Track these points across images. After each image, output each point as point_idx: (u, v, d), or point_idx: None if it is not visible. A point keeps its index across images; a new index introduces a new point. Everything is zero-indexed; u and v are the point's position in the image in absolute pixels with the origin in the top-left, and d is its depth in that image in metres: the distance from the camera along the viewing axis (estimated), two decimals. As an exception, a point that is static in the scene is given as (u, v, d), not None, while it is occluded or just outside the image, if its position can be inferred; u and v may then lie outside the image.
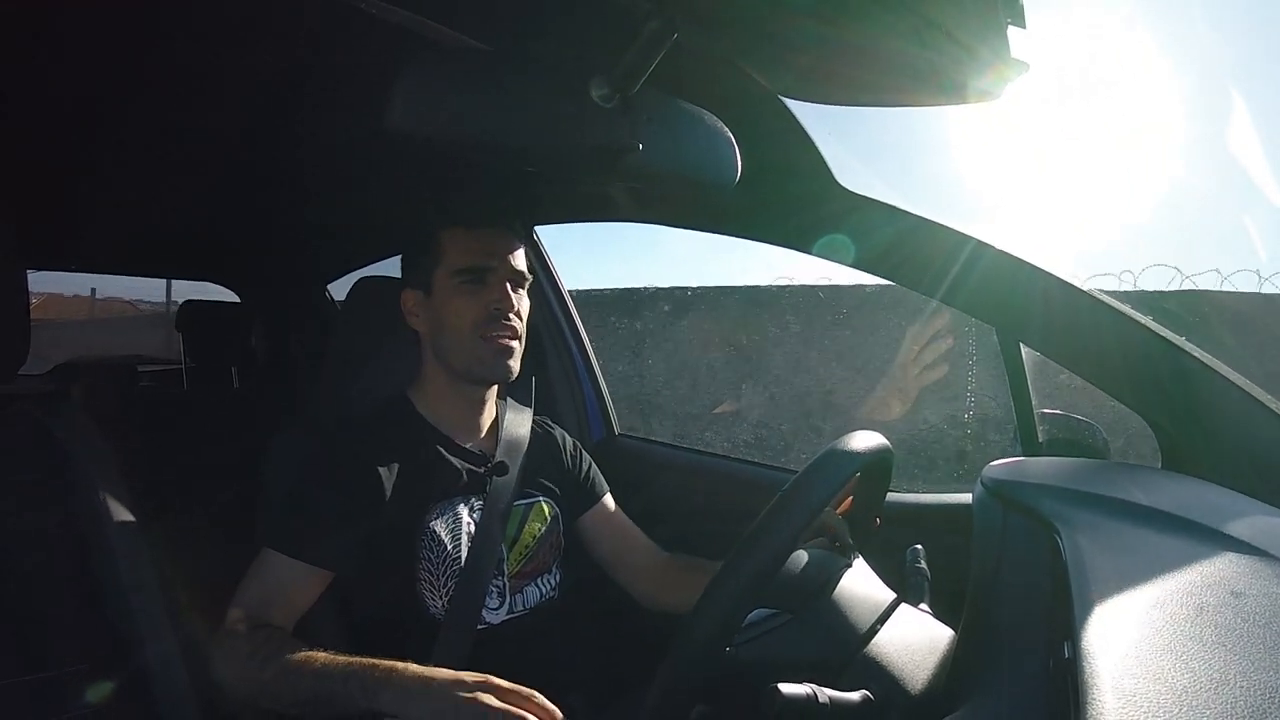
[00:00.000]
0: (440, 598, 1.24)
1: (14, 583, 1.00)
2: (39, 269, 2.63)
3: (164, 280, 3.06)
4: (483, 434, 1.41)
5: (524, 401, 1.52)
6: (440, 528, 1.26)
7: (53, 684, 0.98)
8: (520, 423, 1.46)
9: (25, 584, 1.01)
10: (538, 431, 1.50)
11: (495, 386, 1.41)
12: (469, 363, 1.30)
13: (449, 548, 1.26)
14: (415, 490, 1.27)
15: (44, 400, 1.17)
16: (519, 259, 1.33)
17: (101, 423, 1.17)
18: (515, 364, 1.32)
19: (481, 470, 1.34)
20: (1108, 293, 1.17)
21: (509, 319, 1.29)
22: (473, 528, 1.29)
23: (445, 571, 1.25)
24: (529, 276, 1.35)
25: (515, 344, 1.31)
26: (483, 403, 1.40)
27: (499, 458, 1.37)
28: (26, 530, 1.04)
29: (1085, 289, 1.15)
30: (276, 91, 1.34)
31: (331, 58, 1.22)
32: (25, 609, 1.00)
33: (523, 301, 1.34)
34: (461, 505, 1.30)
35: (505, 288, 1.29)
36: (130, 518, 1.11)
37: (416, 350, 1.39)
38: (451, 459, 1.33)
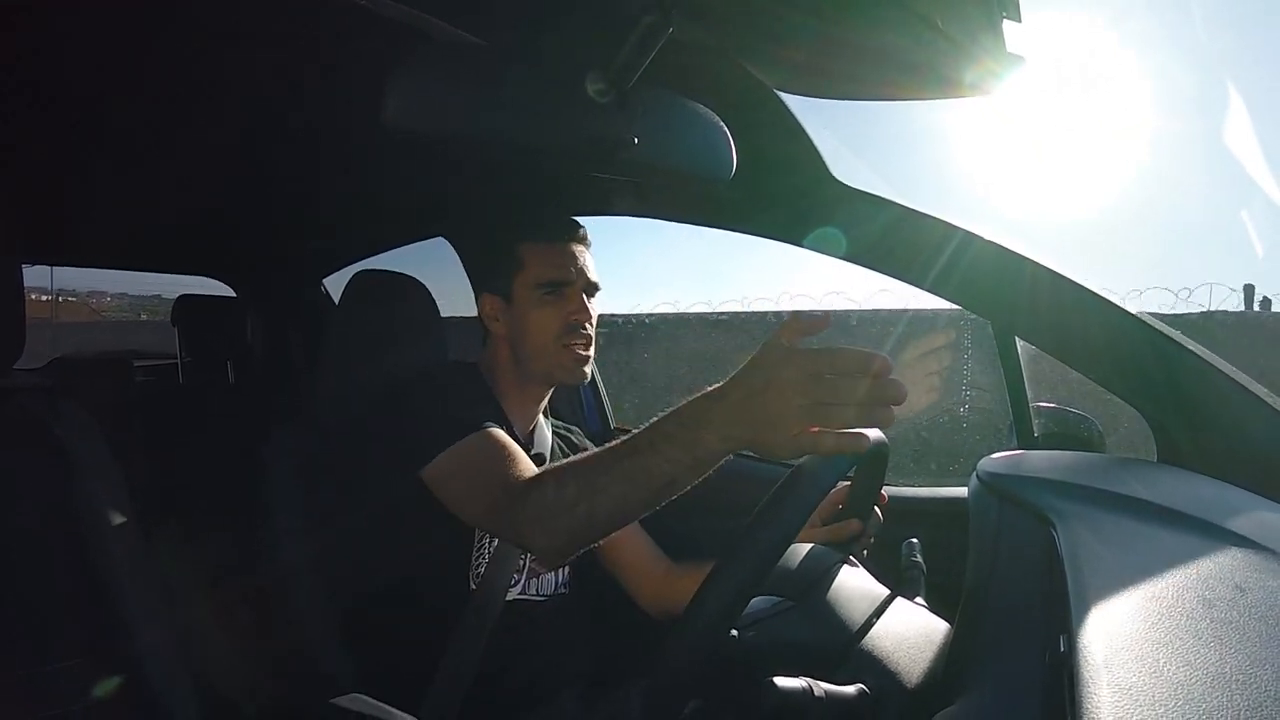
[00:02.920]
0: (476, 567, 1.29)
1: (10, 577, 1.00)
2: (34, 264, 2.62)
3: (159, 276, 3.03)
4: (529, 428, 1.46)
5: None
6: None
7: (50, 678, 0.98)
8: (547, 424, 1.52)
9: (21, 578, 1.01)
10: (568, 436, 1.58)
11: (550, 391, 1.47)
12: (549, 369, 1.37)
13: None
14: None
15: (40, 395, 1.16)
16: (592, 269, 1.40)
17: (98, 417, 1.16)
18: (589, 369, 1.39)
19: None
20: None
21: (586, 328, 1.36)
22: None
23: (483, 539, 1.30)
24: (600, 285, 1.41)
25: (591, 351, 1.38)
26: (542, 401, 1.46)
27: (536, 450, 1.42)
28: (22, 524, 1.04)
29: (1080, 283, 1.16)
30: (273, 86, 1.33)
31: (328, 52, 1.21)
32: (21, 603, 1.00)
33: (595, 309, 1.39)
34: None
35: (582, 299, 1.36)
36: (127, 511, 1.11)
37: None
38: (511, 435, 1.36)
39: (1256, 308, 7.47)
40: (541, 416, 1.50)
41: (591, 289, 1.39)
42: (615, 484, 0.94)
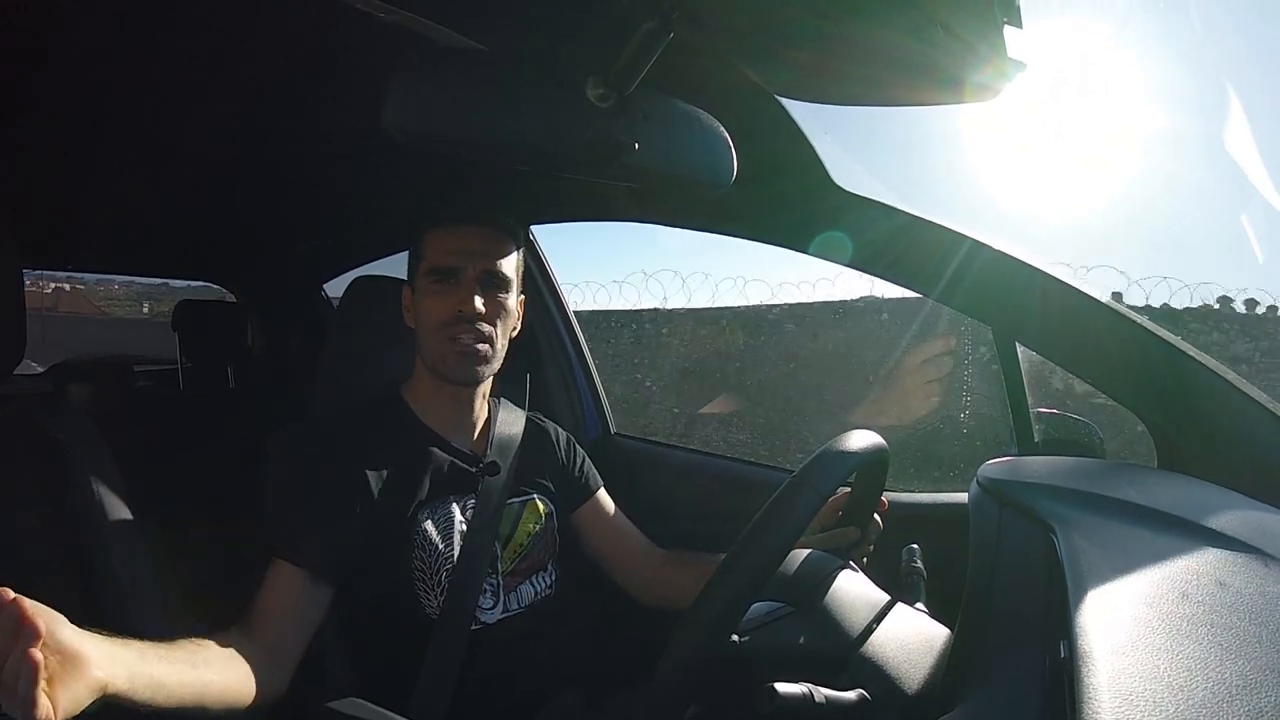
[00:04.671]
0: (435, 597, 1.24)
1: (10, 582, 1.00)
2: (35, 269, 2.62)
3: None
4: (474, 434, 1.40)
5: (518, 401, 1.51)
6: (431, 527, 1.26)
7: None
8: (512, 422, 1.45)
9: (21, 583, 1.01)
10: (531, 428, 1.49)
11: (484, 386, 1.39)
12: (435, 362, 1.29)
13: (441, 547, 1.25)
14: (407, 488, 1.26)
15: (41, 400, 1.16)
16: (496, 259, 1.30)
17: (98, 422, 1.16)
18: (483, 368, 1.30)
19: (474, 470, 1.33)
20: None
21: (475, 322, 1.27)
22: (465, 527, 1.28)
23: (438, 571, 1.25)
24: (508, 277, 1.31)
25: (482, 347, 1.28)
26: (471, 402, 1.38)
27: (490, 458, 1.36)
28: (23, 529, 1.04)
29: (1080, 288, 1.16)
30: (273, 91, 1.33)
31: (328, 57, 1.22)
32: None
33: (499, 303, 1.30)
34: (454, 504, 1.29)
35: (473, 289, 1.26)
36: (127, 517, 1.11)
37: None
38: (443, 458, 1.32)
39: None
40: (504, 412, 1.45)
41: (492, 281, 1.29)
42: None
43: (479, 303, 1.26)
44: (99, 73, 1.25)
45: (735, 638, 0.85)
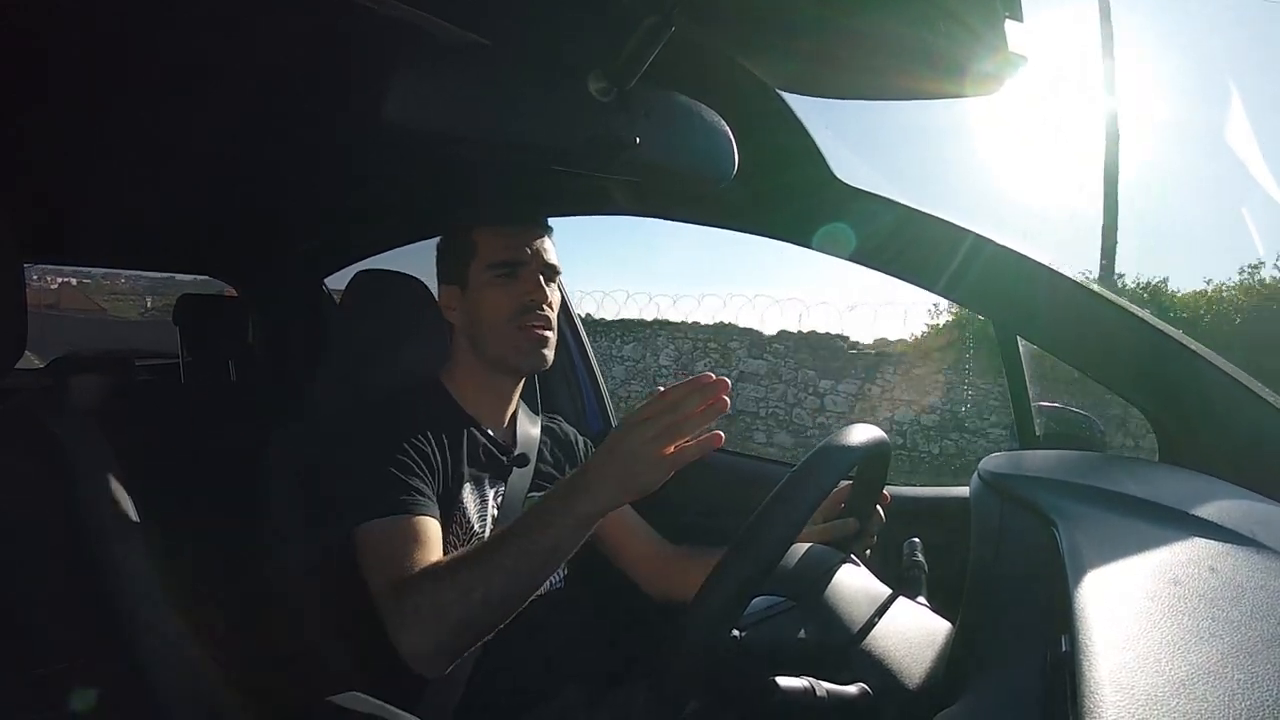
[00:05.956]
0: None
1: (10, 577, 1.00)
2: (36, 263, 2.62)
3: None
4: (505, 426, 1.44)
5: (529, 400, 1.54)
6: (470, 502, 1.30)
7: (50, 679, 0.98)
8: (531, 419, 1.50)
9: (21, 578, 1.01)
10: (552, 429, 1.55)
11: (520, 383, 1.44)
12: (505, 353, 1.34)
13: (475, 527, 1.29)
14: (451, 464, 1.30)
15: (41, 394, 1.16)
16: (550, 252, 1.38)
17: (99, 417, 1.16)
18: (549, 354, 1.36)
19: (505, 459, 1.38)
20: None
21: (542, 310, 1.33)
22: (495, 511, 1.33)
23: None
24: (559, 269, 1.39)
25: (549, 334, 1.35)
26: (511, 395, 1.43)
27: (520, 450, 1.41)
28: (23, 525, 1.03)
29: (1081, 282, 1.16)
30: (275, 85, 1.33)
31: (329, 51, 1.21)
32: (21, 604, 1.00)
33: (554, 294, 1.37)
34: (488, 488, 1.34)
35: (538, 280, 1.33)
36: (127, 511, 1.11)
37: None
38: (481, 442, 1.37)
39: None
40: (523, 413, 1.48)
41: (550, 272, 1.37)
42: (508, 558, 1.02)
43: (545, 291, 1.33)
44: (100, 69, 1.25)
45: (736, 632, 0.85)
